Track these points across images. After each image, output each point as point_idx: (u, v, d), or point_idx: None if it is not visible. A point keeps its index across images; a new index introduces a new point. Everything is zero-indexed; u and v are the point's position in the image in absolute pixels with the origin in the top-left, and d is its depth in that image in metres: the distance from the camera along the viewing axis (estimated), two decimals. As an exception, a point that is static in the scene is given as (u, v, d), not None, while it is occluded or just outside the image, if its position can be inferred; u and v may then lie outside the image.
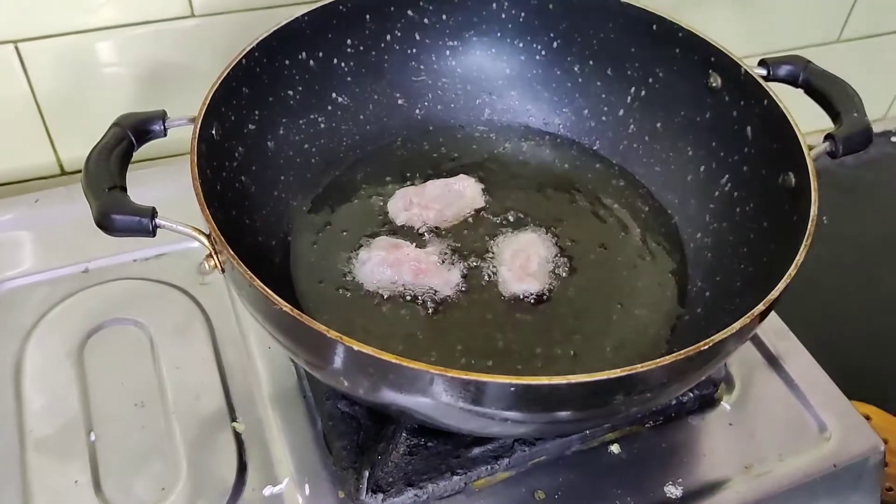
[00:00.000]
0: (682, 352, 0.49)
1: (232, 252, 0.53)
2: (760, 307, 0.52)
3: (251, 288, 0.52)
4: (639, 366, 0.48)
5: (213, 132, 0.64)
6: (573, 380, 0.47)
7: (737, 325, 0.50)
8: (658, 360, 0.48)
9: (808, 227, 0.57)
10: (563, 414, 0.53)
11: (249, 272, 0.52)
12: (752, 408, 0.69)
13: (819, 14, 1.13)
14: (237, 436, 0.66)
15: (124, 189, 0.57)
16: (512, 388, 0.48)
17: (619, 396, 0.51)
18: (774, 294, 0.52)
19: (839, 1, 1.12)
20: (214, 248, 0.56)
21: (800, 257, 0.54)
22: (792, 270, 0.54)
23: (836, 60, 0.69)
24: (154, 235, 0.55)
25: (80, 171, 0.90)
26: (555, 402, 0.51)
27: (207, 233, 0.56)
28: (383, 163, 0.78)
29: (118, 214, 0.55)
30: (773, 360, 0.72)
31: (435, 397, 0.50)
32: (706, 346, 0.49)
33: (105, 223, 0.55)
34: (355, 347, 0.48)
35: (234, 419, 0.67)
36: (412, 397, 0.51)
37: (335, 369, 0.52)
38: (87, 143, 0.63)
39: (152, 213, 0.55)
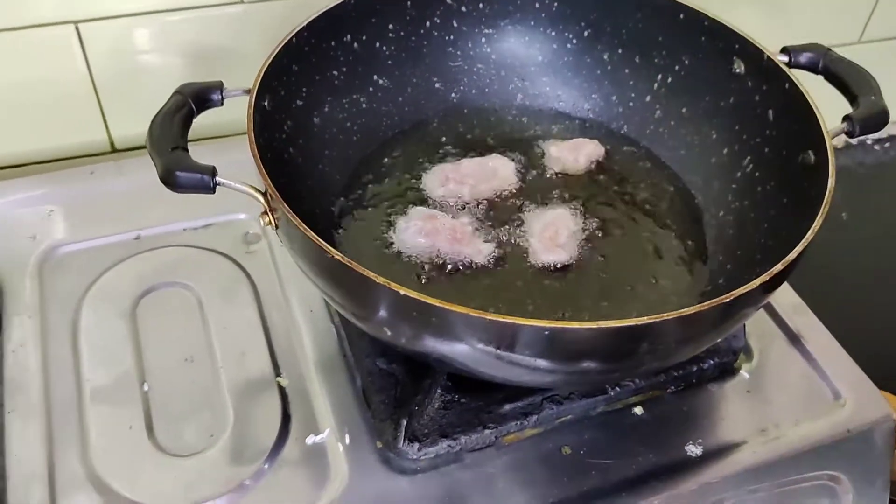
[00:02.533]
0: (706, 303, 0.52)
1: (286, 206, 0.57)
2: (779, 266, 0.55)
3: (304, 239, 0.56)
4: (665, 314, 0.52)
5: (266, 103, 0.68)
6: (604, 325, 0.51)
7: (757, 282, 0.54)
8: (683, 310, 0.52)
9: (826, 196, 0.60)
10: (592, 363, 0.56)
11: (303, 224, 0.56)
12: (769, 377, 0.72)
13: (840, 15, 1.16)
14: (281, 390, 0.70)
15: (186, 150, 0.61)
16: (546, 332, 0.52)
17: (645, 345, 0.54)
18: (793, 255, 0.56)
19: (861, 2, 1.16)
20: (269, 205, 0.60)
21: (817, 223, 0.58)
22: (809, 235, 0.57)
23: (857, 61, 0.72)
24: (213, 192, 0.59)
25: (130, 149, 0.96)
26: (585, 349, 0.54)
27: (263, 190, 0.60)
28: (420, 141, 0.83)
29: (182, 171, 0.59)
30: (790, 334, 0.76)
31: (472, 342, 0.54)
32: (729, 299, 0.53)
33: (170, 179, 0.59)
34: (401, 292, 0.52)
35: (278, 375, 0.71)
36: (451, 344, 0.55)
37: (380, 317, 0.56)
38: (138, 121, 0.67)
39: (213, 171, 0.59)
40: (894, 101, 1.29)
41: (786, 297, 0.78)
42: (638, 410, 0.69)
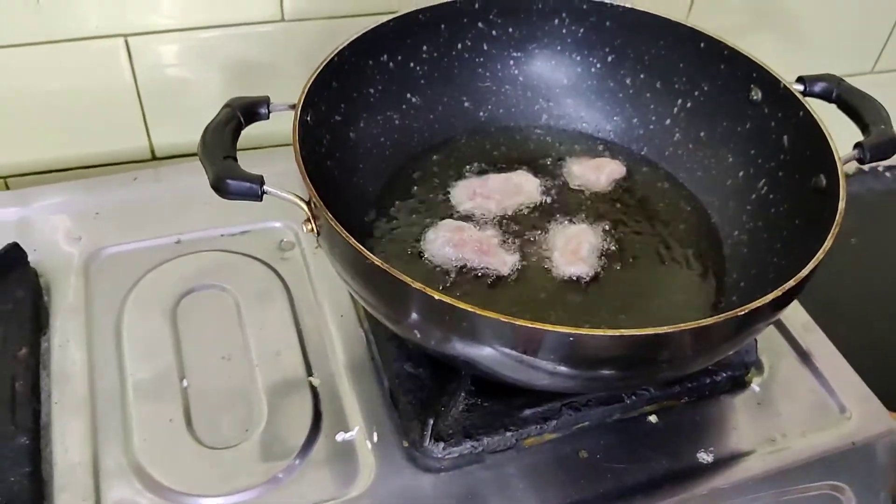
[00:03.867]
0: (720, 315, 0.56)
1: (329, 214, 0.61)
2: (792, 282, 0.59)
3: (346, 245, 0.60)
4: (682, 325, 0.55)
5: (308, 118, 0.72)
6: (625, 333, 0.55)
7: (770, 297, 0.57)
8: (701, 320, 0.55)
9: (836, 218, 0.63)
10: (612, 371, 0.60)
11: (344, 231, 0.60)
12: (778, 390, 0.75)
13: (854, 46, 1.20)
14: (313, 389, 0.74)
15: (236, 159, 0.65)
16: (570, 339, 0.55)
17: (662, 354, 0.58)
18: (804, 273, 0.59)
19: (874, 34, 1.19)
20: (312, 213, 0.64)
21: (827, 244, 0.61)
22: (820, 254, 0.61)
23: (870, 90, 0.76)
24: (261, 199, 0.63)
25: (170, 157, 1.01)
26: (605, 356, 0.58)
27: (307, 199, 0.64)
28: (449, 157, 0.87)
29: (232, 179, 0.63)
30: (800, 350, 0.79)
31: (499, 347, 0.57)
32: (743, 312, 0.56)
33: (221, 187, 0.63)
34: (436, 297, 0.56)
35: (310, 374, 0.75)
36: (479, 347, 0.59)
37: (412, 320, 0.60)
38: (178, 131, 0.71)
39: (261, 180, 0.63)
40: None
41: (796, 316, 0.81)
42: (653, 419, 0.72)
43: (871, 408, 0.74)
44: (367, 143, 0.83)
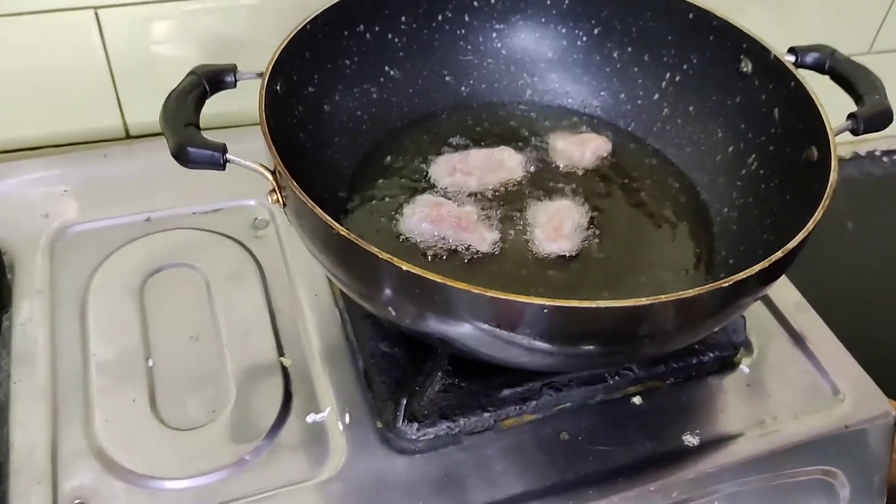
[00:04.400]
0: (704, 287, 0.53)
1: (294, 183, 0.58)
2: (779, 254, 0.56)
3: (312, 216, 0.57)
4: (663, 296, 0.52)
5: (278, 87, 0.69)
6: (602, 304, 0.52)
7: (756, 268, 0.54)
8: (682, 292, 0.53)
9: (828, 190, 0.61)
10: (591, 346, 0.57)
11: (311, 201, 0.57)
12: (769, 371, 0.73)
13: (850, 26, 1.17)
14: (284, 369, 0.71)
15: (198, 127, 0.62)
16: (545, 311, 0.52)
17: (644, 328, 0.55)
18: (792, 244, 0.56)
19: (870, 14, 1.16)
20: (278, 183, 0.61)
21: (818, 214, 0.58)
22: (810, 225, 0.58)
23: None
24: (223, 168, 0.61)
25: (143, 136, 0.98)
26: (584, 330, 0.55)
27: (272, 168, 0.61)
28: (429, 132, 0.84)
29: (193, 147, 0.60)
30: (791, 331, 0.76)
31: (474, 321, 0.54)
32: (728, 284, 0.53)
33: (181, 155, 0.60)
34: (404, 268, 0.53)
35: (281, 354, 0.72)
36: (454, 323, 0.56)
37: (385, 296, 0.57)
38: (153, 108, 0.68)
39: (224, 148, 0.60)
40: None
41: (788, 295, 0.79)
42: (637, 400, 0.70)
43: (866, 390, 0.71)
44: (342, 116, 0.80)
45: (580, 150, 0.82)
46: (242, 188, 0.83)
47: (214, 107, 0.69)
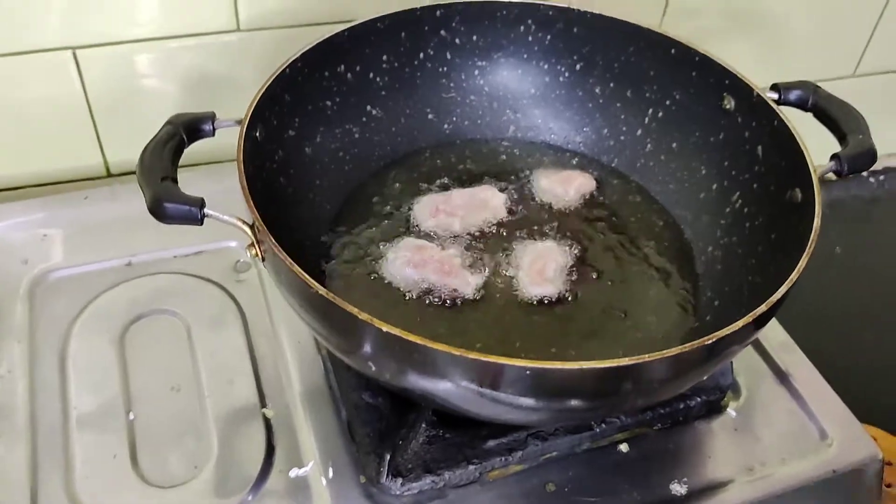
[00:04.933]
0: (687, 345, 0.52)
1: (273, 239, 0.57)
2: (763, 307, 0.55)
3: (290, 273, 0.56)
4: (646, 356, 0.52)
5: (257, 133, 0.68)
6: (585, 365, 0.51)
7: (740, 323, 0.54)
8: (665, 351, 0.52)
9: (812, 235, 0.60)
10: (575, 402, 0.56)
11: (289, 258, 0.56)
12: (756, 415, 0.72)
13: (834, 49, 1.17)
14: (266, 421, 0.70)
15: (175, 181, 0.61)
16: (527, 372, 0.52)
17: (628, 384, 0.54)
18: (777, 296, 0.56)
19: (855, 37, 1.16)
20: (256, 237, 0.60)
21: (802, 263, 0.58)
22: (794, 275, 0.57)
23: (852, 95, 0.72)
24: (202, 223, 0.60)
25: (125, 174, 0.97)
26: (567, 389, 0.54)
27: (251, 223, 0.60)
28: (412, 172, 0.83)
29: (170, 203, 0.59)
30: (778, 372, 0.75)
31: (455, 380, 0.54)
32: (711, 341, 0.53)
33: (158, 210, 0.59)
34: (384, 329, 0.52)
35: (263, 405, 0.71)
36: (434, 380, 0.55)
37: (364, 353, 0.56)
38: (134, 147, 0.68)
39: (201, 203, 0.59)
40: (889, 133, 1.29)
41: (774, 334, 0.78)
42: (623, 447, 0.69)
43: (853, 433, 0.70)
44: (324, 158, 0.79)
45: (564, 187, 0.81)
46: (224, 229, 0.79)
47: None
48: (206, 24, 0.88)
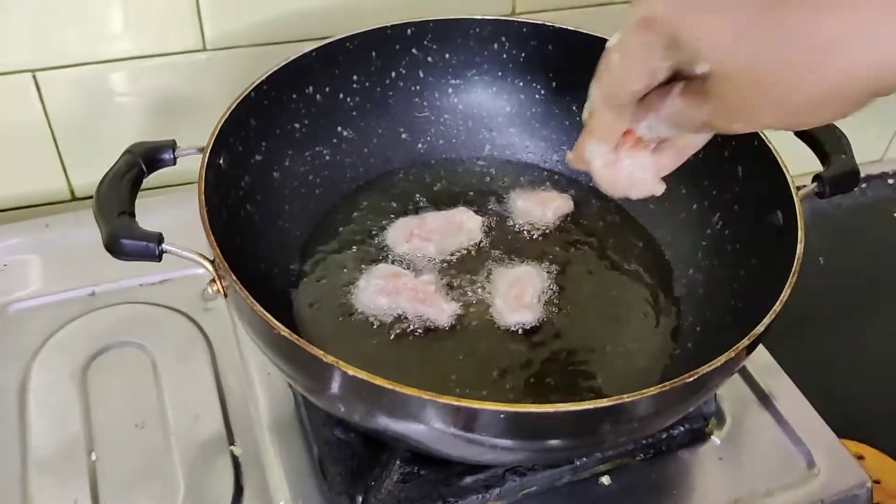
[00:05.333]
0: (667, 383, 0.50)
1: (234, 277, 0.55)
2: (745, 342, 0.53)
3: (252, 313, 0.53)
4: (625, 396, 0.49)
5: (221, 161, 0.66)
6: (561, 408, 0.49)
7: (722, 359, 0.52)
8: (644, 391, 0.50)
9: (794, 265, 0.58)
10: (553, 442, 0.54)
11: (251, 297, 0.53)
12: (742, 443, 0.70)
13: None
14: (234, 459, 0.67)
15: (133, 215, 0.59)
16: (502, 416, 0.49)
17: (607, 425, 0.52)
18: (759, 329, 0.54)
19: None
20: (218, 274, 0.57)
21: (784, 294, 0.56)
22: (777, 307, 0.55)
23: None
24: (160, 260, 0.57)
25: (90, 198, 0.93)
26: (544, 430, 0.52)
27: (212, 258, 0.58)
28: (385, 194, 0.80)
29: (127, 239, 0.57)
30: (763, 397, 0.73)
31: (427, 423, 0.51)
32: (692, 378, 0.51)
33: (114, 247, 0.57)
34: (350, 372, 0.50)
35: (231, 443, 0.68)
36: (405, 423, 0.52)
37: (332, 394, 0.54)
38: (99, 170, 0.66)
39: (159, 238, 0.57)
40: (871, 141, 1.28)
41: (758, 357, 0.76)
42: (605, 480, 0.67)
43: (841, 461, 0.68)
44: (293, 182, 0.76)
45: (541, 209, 0.79)
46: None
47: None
48: (171, 44, 0.86)
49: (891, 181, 1.32)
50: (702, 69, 0.42)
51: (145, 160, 0.63)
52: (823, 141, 0.68)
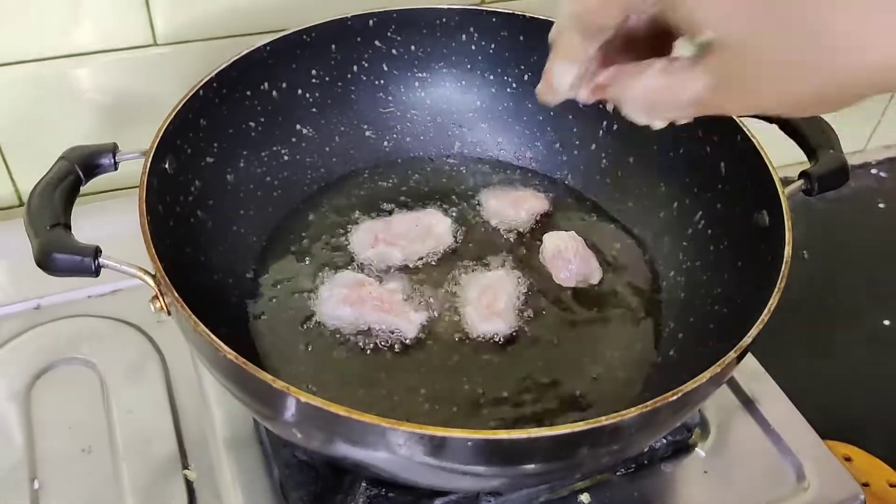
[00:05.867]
0: (649, 403, 0.46)
1: (176, 294, 0.50)
2: (732, 354, 0.49)
3: (195, 333, 0.49)
4: (603, 418, 0.45)
5: (167, 166, 0.61)
6: (534, 433, 0.45)
7: (707, 374, 0.48)
8: (624, 412, 0.46)
9: (782, 269, 0.54)
10: (527, 467, 0.50)
11: (194, 316, 0.49)
12: (727, 454, 0.66)
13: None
14: (188, 484, 0.63)
15: (68, 227, 0.54)
16: (469, 443, 0.45)
17: (585, 449, 0.48)
18: (747, 340, 0.50)
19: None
20: (160, 290, 0.53)
21: (773, 301, 0.52)
22: (765, 315, 0.52)
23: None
24: (97, 275, 0.53)
25: (38, 203, 0.88)
26: (517, 456, 0.48)
27: (153, 273, 0.53)
28: (349, 195, 0.76)
29: (60, 254, 0.52)
30: (749, 404, 0.70)
31: (390, 451, 0.47)
32: (675, 397, 0.47)
33: (46, 263, 0.52)
34: (302, 399, 0.45)
35: (185, 466, 0.64)
36: (367, 451, 0.48)
37: (285, 422, 0.50)
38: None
39: (95, 252, 0.52)
40: (854, 131, 1.24)
41: (744, 363, 0.72)
42: (585, 498, 0.63)
43: (831, 471, 0.65)
44: (249, 184, 0.72)
45: (515, 209, 0.75)
46: (143, 263, 0.74)
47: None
48: (119, 39, 0.80)
49: (874, 171, 1.29)
50: (706, 37, 0.37)
51: (82, 166, 0.58)
52: (809, 135, 0.65)
